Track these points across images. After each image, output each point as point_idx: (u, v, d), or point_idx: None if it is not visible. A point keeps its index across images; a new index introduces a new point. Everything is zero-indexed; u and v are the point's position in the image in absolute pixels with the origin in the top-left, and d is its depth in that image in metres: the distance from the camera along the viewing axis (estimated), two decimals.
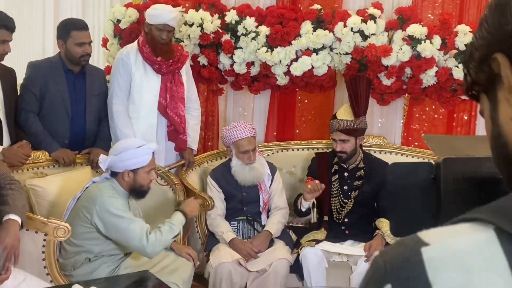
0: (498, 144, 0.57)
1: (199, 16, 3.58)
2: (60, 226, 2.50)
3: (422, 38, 3.41)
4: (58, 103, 3.14)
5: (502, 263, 0.43)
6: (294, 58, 3.53)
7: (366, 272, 0.51)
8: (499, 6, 0.54)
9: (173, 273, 2.66)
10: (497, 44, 0.54)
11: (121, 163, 2.58)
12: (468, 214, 0.48)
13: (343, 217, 3.22)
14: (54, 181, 3.00)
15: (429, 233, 0.48)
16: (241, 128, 3.18)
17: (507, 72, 0.52)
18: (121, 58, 3.29)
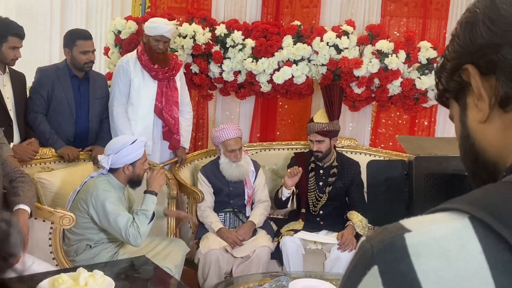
0: (466, 144, 0.58)
1: (192, 29, 3.56)
2: (66, 216, 2.47)
3: (389, 52, 3.43)
4: (64, 105, 3.11)
5: (477, 248, 0.43)
6: (276, 68, 3.53)
7: (353, 256, 0.50)
8: (469, 23, 0.55)
9: (166, 258, 2.64)
10: (467, 56, 0.54)
11: (121, 159, 2.57)
12: (445, 204, 0.48)
13: (318, 210, 3.23)
14: (59, 175, 2.97)
15: (411, 221, 0.48)
16: (228, 129, 3.17)
17: (477, 81, 0.53)
18: (122, 65, 3.26)
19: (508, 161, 0.52)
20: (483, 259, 0.42)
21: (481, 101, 0.53)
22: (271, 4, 3.78)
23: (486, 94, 0.53)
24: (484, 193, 0.48)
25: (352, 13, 3.70)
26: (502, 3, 0.52)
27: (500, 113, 0.52)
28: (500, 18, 0.52)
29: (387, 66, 3.44)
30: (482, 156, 0.56)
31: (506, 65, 0.51)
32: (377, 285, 0.45)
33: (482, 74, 0.53)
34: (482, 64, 0.53)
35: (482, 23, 0.53)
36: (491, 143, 0.54)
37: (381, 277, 0.45)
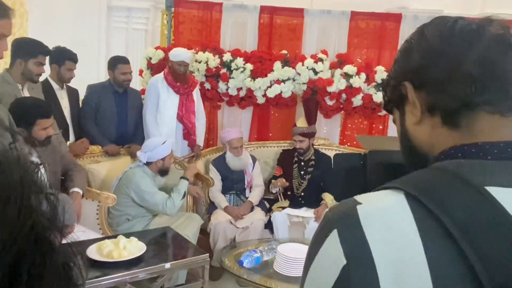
0: (405, 141, 0.58)
1: (205, 56, 3.55)
2: (109, 196, 2.47)
3: (353, 74, 3.43)
4: (108, 113, 3.10)
5: (409, 215, 0.44)
6: (269, 85, 3.52)
7: (320, 222, 0.50)
8: (406, 51, 0.55)
9: (186, 228, 2.64)
10: (405, 75, 0.55)
11: (155, 155, 2.60)
12: (387, 184, 0.48)
13: (300, 192, 3.23)
14: (105, 166, 2.96)
15: (362, 196, 0.48)
16: (232, 131, 3.17)
17: (411, 93, 0.54)
18: (152, 83, 3.25)
19: (435, 152, 0.52)
20: (414, 223, 0.43)
21: (415, 108, 0.54)
22: (265, 37, 3.77)
23: (419, 103, 0.53)
24: (415, 176, 0.48)
25: (325, 44, 3.69)
26: (430, 35, 0.53)
27: (429, 118, 0.53)
28: (428, 46, 0.52)
29: (351, 84, 3.43)
30: (416, 150, 0.56)
31: (432, 81, 0.51)
32: (336, 243, 0.45)
33: (415, 88, 0.53)
34: (416, 81, 0.53)
35: (415, 50, 0.54)
36: (422, 139, 0.55)
37: (339, 237, 0.45)
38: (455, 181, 0.45)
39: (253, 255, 2.26)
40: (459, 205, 0.42)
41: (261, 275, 2.18)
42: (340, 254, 0.44)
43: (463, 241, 0.40)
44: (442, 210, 0.42)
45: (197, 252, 2.22)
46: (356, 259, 0.43)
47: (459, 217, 0.41)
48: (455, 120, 0.50)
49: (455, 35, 0.51)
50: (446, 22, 0.53)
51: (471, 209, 0.42)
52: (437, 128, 0.52)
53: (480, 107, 0.49)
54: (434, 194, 0.44)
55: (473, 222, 0.41)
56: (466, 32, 0.51)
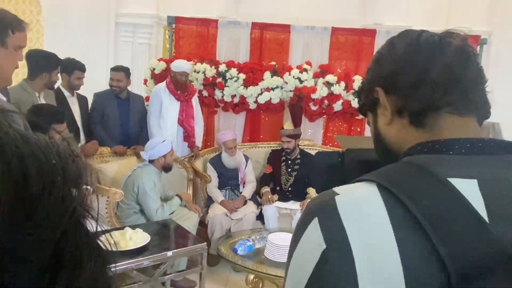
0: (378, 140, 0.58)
1: (203, 67, 3.53)
2: (117, 192, 2.45)
3: (334, 83, 3.44)
4: (113, 118, 3.06)
5: (381, 205, 0.44)
6: (260, 93, 3.51)
7: (302, 212, 0.50)
8: (378, 60, 0.56)
9: (186, 220, 2.63)
10: (376, 82, 0.55)
11: (156, 153, 2.57)
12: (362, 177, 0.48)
13: (288, 187, 3.23)
14: (113, 165, 2.93)
15: (340, 188, 0.48)
16: (227, 133, 3.16)
17: (383, 97, 0.54)
18: (155, 91, 3.23)
19: (404, 149, 0.52)
20: (385, 211, 0.43)
21: (386, 110, 0.54)
22: (256, 51, 3.76)
23: (389, 106, 0.53)
24: (387, 169, 0.48)
25: (309, 56, 3.70)
26: (397, 46, 0.53)
27: (398, 119, 0.53)
28: (397, 56, 0.53)
29: (332, 92, 3.45)
30: (387, 147, 0.56)
31: (401, 87, 0.51)
32: (317, 230, 0.45)
33: (386, 93, 0.53)
34: (386, 86, 0.53)
35: (385, 60, 0.54)
36: (393, 138, 0.55)
37: (319, 225, 0.45)
38: (421, 173, 0.45)
39: (246, 243, 2.26)
40: (425, 195, 0.42)
41: (253, 261, 2.17)
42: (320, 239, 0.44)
43: (429, 227, 0.40)
44: (410, 199, 0.42)
45: (196, 241, 2.21)
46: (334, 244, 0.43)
47: (425, 205, 0.41)
48: (421, 120, 0.50)
49: (420, 46, 0.51)
50: (412, 35, 0.53)
51: (436, 198, 0.42)
52: (405, 127, 0.52)
53: (443, 109, 0.49)
54: (403, 185, 0.44)
55: (437, 209, 0.41)
56: (429, 43, 0.51)
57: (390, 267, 0.41)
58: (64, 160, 0.26)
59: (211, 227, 2.90)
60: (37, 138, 0.25)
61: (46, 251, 0.24)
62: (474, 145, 0.47)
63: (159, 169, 2.62)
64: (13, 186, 0.22)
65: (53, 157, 0.25)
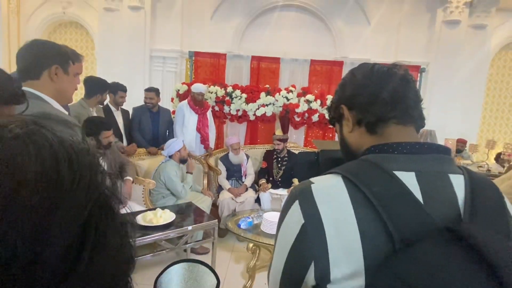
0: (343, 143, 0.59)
1: (215, 89, 3.53)
2: (150, 182, 2.44)
3: (312, 100, 3.45)
4: (147, 126, 3.05)
5: (344, 190, 0.44)
6: (257, 108, 3.51)
7: (287, 196, 0.50)
8: (342, 85, 0.56)
9: (202, 203, 2.61)
10: (342, 101, 0.56)
11: (172, 149, 2.56)
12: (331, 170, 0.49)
13: (278, 178, 3.21)
14: (147, 161, 2.91)
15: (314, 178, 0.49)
16: (233, 138, 3.14)
17: (346, 112, 0.55)
18: (180, 107, 3.21)
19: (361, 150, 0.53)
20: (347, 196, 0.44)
21: (348, 122, 0.55)
22: (255, 76, 3.78)
23: (351, 119, 0.54)
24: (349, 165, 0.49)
25: (294, 81, 3.72)
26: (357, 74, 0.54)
27: (357, 128, 0.54)
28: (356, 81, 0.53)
29: (311, 107, 3.45)
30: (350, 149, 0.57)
31: (359, 104, 0.52)
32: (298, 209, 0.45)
33: (349, 109, 0.54)
34: (348, 104, 0.54)
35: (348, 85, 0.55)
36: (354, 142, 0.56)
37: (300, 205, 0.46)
38: (374, 167, 0.46)
39: (247, 220, 2.26)
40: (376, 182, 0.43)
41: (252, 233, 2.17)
42: (300, 216, 0.45)
43: (379, 206, 0.41)
44: (366, 186, 0.43)
45: (210, 218, 2.21)
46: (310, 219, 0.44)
47: (376, 191, 0.42)
48: (374, 129, 0.51)
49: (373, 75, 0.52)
50: (367, 66, 0.54)
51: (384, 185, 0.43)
52: (363, 134, 0.53)
53: (390, 120, 0.50)
54: (361, 176, 0.45)
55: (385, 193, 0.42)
56: (380, 72, 0.52)
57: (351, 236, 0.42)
58: (92, 157, 0.25)
59: (221, 208, 2.90)
60: (72, 141, 0.25)
61: (72, 232, 0.22)
62: (412, 147, 0.48)
63: (177, 161, 2.61)
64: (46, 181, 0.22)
65: (82, 156, 0.24)
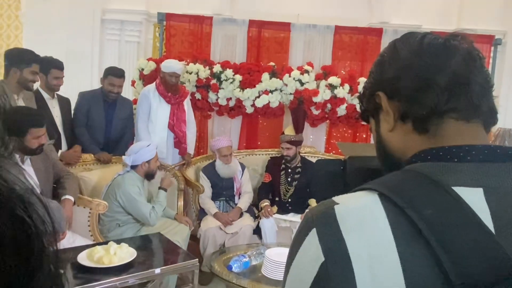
0: (380, 147, 0.60)
1: (195, 68, 3.56)
2: (100, 203, 2.43)
3: (337, 85, 3.48)
4: (97, 121, 3.06)
5: (382, 214, 0.45)
6: (257, 95, 3.54)
7: (300, 223, 0.51)
8: (380, 63, 0.57)
9: (176, 234, 2.62)
10: (378, 86, 0.56)
11: (140, 158, 2.57)
12: (363, 186, 0.50)
13: (287, 198, 3.23)
14: (96, 173, 2.93)
15: (339, 197, 0.49)
16: (222, 140, 3.17)
17: (385, 102, 0.56)
18: (144, 93, 3.24)
19: (407, 156, 0.54)
20: (386, 221, 0.44)
21: (388, 116, 0.56)
22: (254, 50, 3.80)
23: (392, 111, 0.55)
24: (388, 178, 0.50)
25: (311, 57, 3.74)
26: (401, 49, 0.55)
27: (401, 125, 0.55)
28: (400, 59, 0.54)
29: (336, 95, 3.48)
30: (390, 154, 0.58)
31: (404, 91, 0.53)
32: (315, 242, 0.46)
33: (388, 98, 0.55)
34: (389, 91, 0.55)
35: (388, 63, 0.56)
36: (396, 145, 0.56)
37: (318, 236, 0.46)
38: (424, 181, 0.46)
39: (241, 259, 2.25)
40: (428, 203, 0.44)
41: (249, 279, 2.16)
42: (318, 251, 0.45)
43: (432, 237, 0.42)
44: (412, 208, 0.43)
45: (187, 257, 2.20)
46: (333, 256, 0.44)
47: (427, 214, 0.43)
48: (425, 126, 0.52)
49: (423, 49, 0.53)
50: (415, 37, 0.55)
51: (439, 207, 0.43)
52: (408, 134, 0.54)
53: (447, 114, 0.51)
54: (405, 194, 0.45)
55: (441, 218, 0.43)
56: (434, 46, 0.53)
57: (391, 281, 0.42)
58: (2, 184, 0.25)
59: (203, 241, 2.89)
60: None
61: None
62: (479, 152, 0.49)
63: (141, 175, 2.62)
64: None
65: None
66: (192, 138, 3.42)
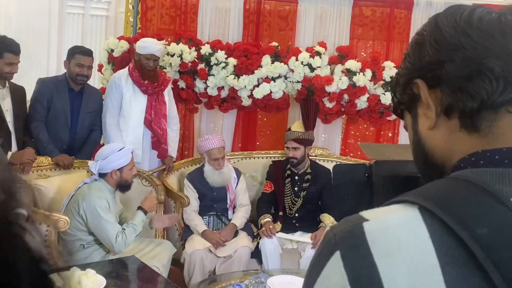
0: (418, 149, 0.60)
1: (179, 49, 3.57)
2: (61, 219, 2.42)
3: (357, 71, 3.48)
4: (61, 114, 3.08)
5: (424, 233, 0.45)
6: (256, 84, 3.54)
7: (319, 244, 0.51)
8: (418, 44, 0.58)
9: (154, 258, 2.61)
10: (417, 72, 0.57)
11: (109, 165, 2.55)
12: (399, 197, 0.50)
13: (294, 212, 3.24)
14: (55, 181, 2.92)
15: (369, 212, 0.49)
16: (212, 139, 3.17)
17: (425, 92, 0.56)
18: (114, 80, 3.24)
19: (453, 160, 0.54)
20: (430, 242, 0.44)
21: (429, 110, 0.56)
22: (251, 27, 3.81)
23: (433, 104, 0.55)
24: (431, 187, 0.50)
25: (324, 35, 3.76)
26: (444, 26, 0.55)
27: (445, 121, 0.55)
28: (443, 39, 0.54)
29: (355, 83, 3.49)
30: (431, 158, 0.58)
31: (449, 78, 0.53)
32: (339, 268, 0.46)
33: (429, 87, 0.55)
34: (429, 78, 0.55)
35: (428, 44, 0.56)
36: (438, 146, 0.57)
37: (343, 261, 0.46)
38: (477, 193, 0.46)
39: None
40: (482, 220, 0.44)
41: None
42: (343, 281, 0.45)
43: (487, 261, 0.42)
44: (463, 226, 0.44)
45: (168, 287, 2.20)
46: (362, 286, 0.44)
47: (483, 234, 0.43)
48: (475, 123, 0.52)
49: (472, 26, 0.53)
50: (462, 11, 0.55)
51: (496, 225, 0.44)
52: (455, 132, 0.54)
53: (503, 107, 0.51)
54: (453, 208, 0.45)
55: (499, 239, 0.43)
56: (485, 22, 0.53)
57: None
58: None
59: (188, 267, 2.89)
60: None
61: None
62: None
63: (113, 186, 2.62)
64: None
65: None
66: (175, 137, 3.43)
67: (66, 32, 4.31)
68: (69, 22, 4.35)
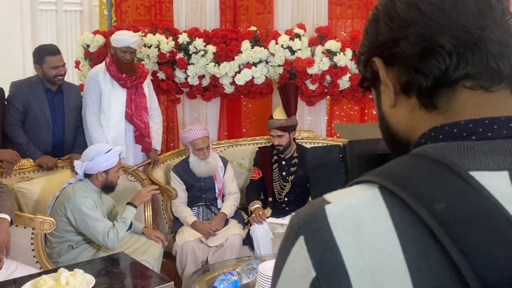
0: (383, 126, 0.60)
1: (156, 39, 3.53)
2: (46, 221, 2.43)
3: (337, 51, 3.47)
4: (40, 117, 3.03)
5: (384, 212, 0.45)
6: (238, 70, 3.53)
7: (286, 229, 0.50)
8: (374, 20, 0.56)
9: (145, 253, 2.63)
10: (374, 50, 0.56)
11: (95, 166, 2.54)
12: (360, 178, 0.49)
13: (283, 197, 3.27)
14: (38, 183, 2.90)
15: (331, 194, 0.49)
16: (195, 130, 3.16)
17: (382, 71, 0.55)
18: (92, 76, 3.21)
19: (415, 137, 0.54)
20: (390, 221, 0.44)
21: (387, 88, 0.55)
22: (229, 13, 3.78)
23: (391, 82, 0.55)
24: (392, 165, 0.50)
25: (302, 17, 3.73)
26: (398, 1, 0.53)
27: (405, 99, 0.54)
28: (396, 15, 0.53)
29: (336, 63, 3.48)
30: (396, 135, 0.58)
31: (403, 57, 0.52)
32: (303, 253, 0.46)
33: (386, 65, 0.55)
34: (386, 56, 0.54)
35: (382, 20, 0.55)
36: (401, 124, 0.56)
37: (306, 245, 0.46)
38: (435, 168, 0.46)
39: (229, 278, 2.27)
40: (440, 195, 0.44)
41: None
42: (308, 265, 0.45)
43: (446, 238, 0.42)
44: (421, 202, 0.43)
45: (160, 281, 2.21)
46: (326, 270, 0.44)
47: (440, 209, 0.43)
48: (433, 101, 0.52)
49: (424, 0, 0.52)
50: None
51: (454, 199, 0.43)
52: (414, 109, 0.54)
53: (459, 83, 0.51)
54: (411, 185, 0.45)
55: (456, 213, 0.43)
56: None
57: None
58: None
59: (180, 259, 2.91)
60: None
61: None
62: (503, 126, 0.49)
63: (98, 187, 2.61)
64: None
65: None
66: (158, 129, 3.42)
67: (40, 30, 4.23)
68: (42, 20, 4.27)
